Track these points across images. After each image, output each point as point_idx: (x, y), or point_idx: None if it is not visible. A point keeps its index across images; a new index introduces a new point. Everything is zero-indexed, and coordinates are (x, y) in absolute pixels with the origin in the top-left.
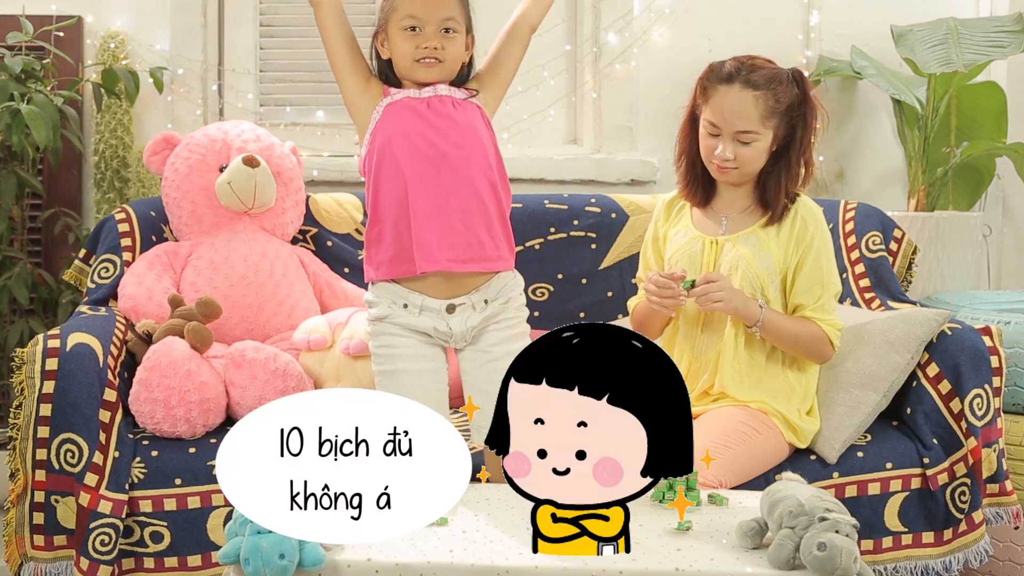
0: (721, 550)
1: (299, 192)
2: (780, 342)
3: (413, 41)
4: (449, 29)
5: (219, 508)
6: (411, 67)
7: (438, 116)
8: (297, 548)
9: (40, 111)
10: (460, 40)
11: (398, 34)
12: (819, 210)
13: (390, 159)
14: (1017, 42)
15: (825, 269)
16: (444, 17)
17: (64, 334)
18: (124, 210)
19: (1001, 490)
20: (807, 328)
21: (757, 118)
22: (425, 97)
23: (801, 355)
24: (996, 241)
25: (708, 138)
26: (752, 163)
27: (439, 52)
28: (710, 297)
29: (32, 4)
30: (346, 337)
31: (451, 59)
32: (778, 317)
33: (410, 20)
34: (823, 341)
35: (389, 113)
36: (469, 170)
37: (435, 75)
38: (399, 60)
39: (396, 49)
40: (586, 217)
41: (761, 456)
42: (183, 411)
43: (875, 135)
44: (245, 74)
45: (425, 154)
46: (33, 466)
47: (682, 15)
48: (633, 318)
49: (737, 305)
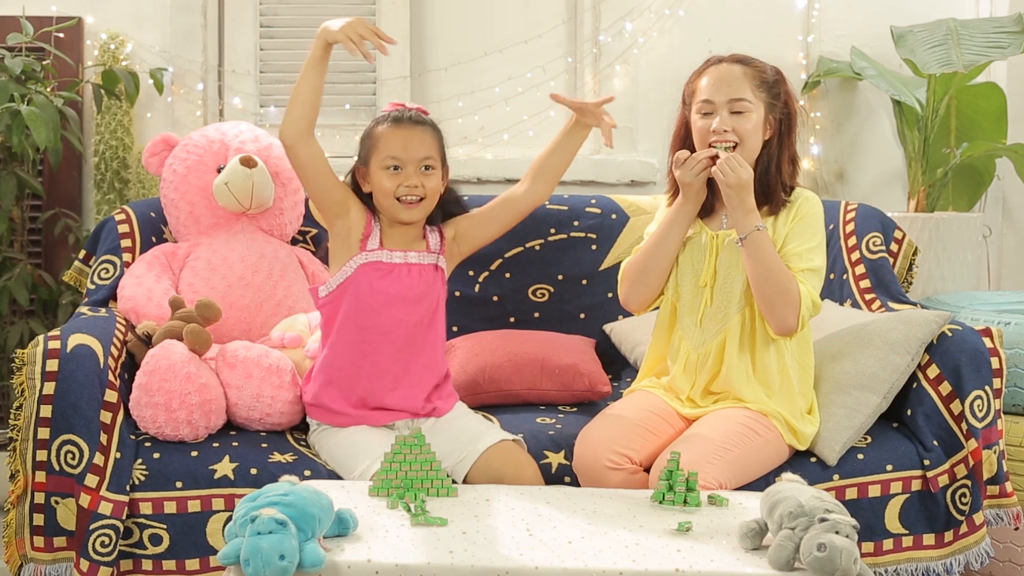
0: (721, 551)
1: (298, 192)
2: (756, 270)
3: (395, 180)
4: (428, 167)
5: (219, 512)
6: (393, 206)
7: (402, 288)
8: (297, 549)
9: (40, 112)
10: (437, 175)
11: (379, 172)
12: (816, 199)
13: (352, 330)
14: (1017, 43)
15: (807, 245)
16: (423, 156)
17: (64, 335)
18: (124, 211)
19: (1002, 492)
20: (788, 277)
21: (748, 87)
22: (395, 263)
23: (764, 301)
24: (996, 242)
25: (702, 120)
26: (750, 138)
27: (419, 190)
28: (731, 165)
29: (32, 5)
30: (316, 339)
31: (430, 194)
32: (768, 244)
33: (391, 160)
34: (795, 298)
35: (358, 278)
36: (424, 342)
37: (416, 215)
38: (381, 197)
39: (377, 186)
40: (586, 218)
41: (761, 458)
42: (185, 414)
43: (875, 136)
44: (245, 75)
45: (385, 331)
46: (33, 467)
47: (682, 16)
48: (626, 269)
49: (744, 200)
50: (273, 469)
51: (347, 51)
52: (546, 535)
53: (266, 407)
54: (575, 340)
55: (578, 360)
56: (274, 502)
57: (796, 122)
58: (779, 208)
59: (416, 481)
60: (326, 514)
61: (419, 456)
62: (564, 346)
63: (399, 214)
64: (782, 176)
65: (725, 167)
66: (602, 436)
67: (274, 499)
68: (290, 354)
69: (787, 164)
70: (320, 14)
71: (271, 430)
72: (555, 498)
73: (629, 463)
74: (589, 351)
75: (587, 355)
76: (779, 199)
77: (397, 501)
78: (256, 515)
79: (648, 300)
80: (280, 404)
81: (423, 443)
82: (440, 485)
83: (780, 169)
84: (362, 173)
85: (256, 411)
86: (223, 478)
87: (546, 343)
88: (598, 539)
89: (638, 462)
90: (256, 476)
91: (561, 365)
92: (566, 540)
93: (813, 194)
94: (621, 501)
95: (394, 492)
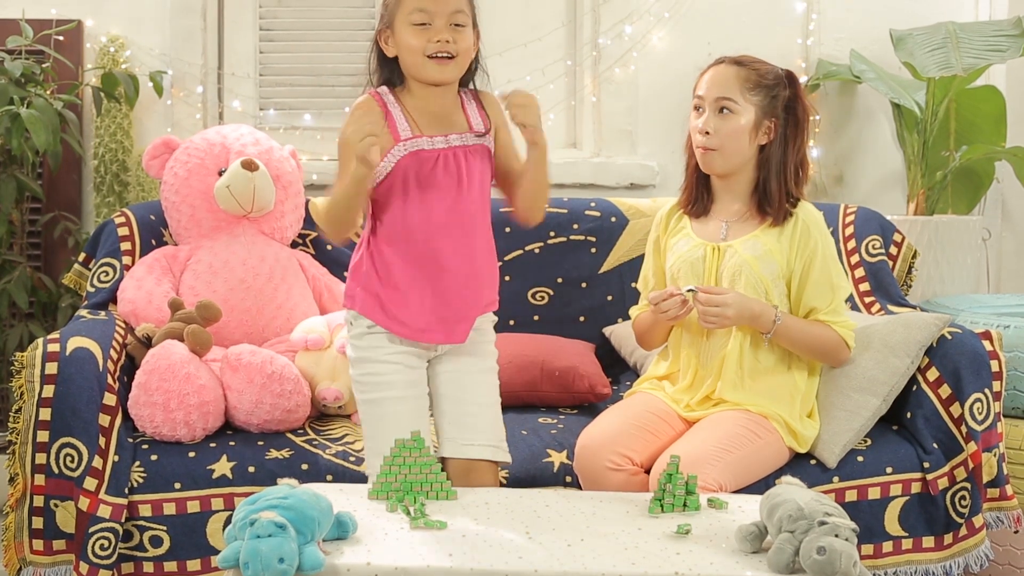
0: (721, 554)
1: (298, 196)
2: (794, 347)
3: (423, 35)
4: (459, 24)
5: (218, 512)
6: (422, 64)
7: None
8: (296, 552)
9: (40, 115)
10: (469, 34)
11: (406, 29)
12: (820, 215)
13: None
14: (1016, 46)
15: (834, 272)
16: (453, 10)
17: (64, 338)
18: (124, 214)
19: (1001, 494)
20: (822, 332)
21: (737, 88)
22: (438, 150)
23: (817, 359)
24: (995, 245)
25: (693, 120)
26: (731, 141)
27: (451, 46)
28: (709, 313)
29: (32, 8)
30: (343, 336)
31: (462, 54)
32: (793, 323)
33: (419, 15)
34: (838, 344)
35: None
36: (474, 237)
37: (449, 74)
38: (408, 57)
39: (404, 45)
40: (586, 221)
41: (761, 460)
42: (182, 414)
43: (874, 139)
44: (245, 78)
45: (437, 227)
46: (32, 470)
47: (681, 19)
48: (636, 327)
49: (746, 319)
50: (271, 466)
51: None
52: (545, 538)
53: (265, 413)
54: (575, 343)
55: (578, 362)
56: (273, 505)
57: (804, 128)
58: (782, 220)
59: (415, 484)
60: (325, 517)
61: (418, 459)
62: (564, 349)
63: (430, 72)
64: (785, 183)
65: (710, 319)
66: (603, 437)
67: (273, 502)
68: (313, 356)
69: (791, 171)
70: (320, 17)
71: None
72: (554, 501)
73: (630, 464)
74: (589, 354)
75: (587, 357)
76: (782, 209)
77: (396, 504)
78: (255, 518)
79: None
80: (279, 412)
81: (422, 446)
82: (439, 488)
83: (783, 176)
84: (385, 36)
85: (255, 416)
86: (221, 477)
87: (546, 346)
88: (597, 542)
89: (639, 463)
90: (254, 474)
91: (561, 367)
92: (565, 543)
93: (815, 211)
94: (620, 504)
95: (393, 495)
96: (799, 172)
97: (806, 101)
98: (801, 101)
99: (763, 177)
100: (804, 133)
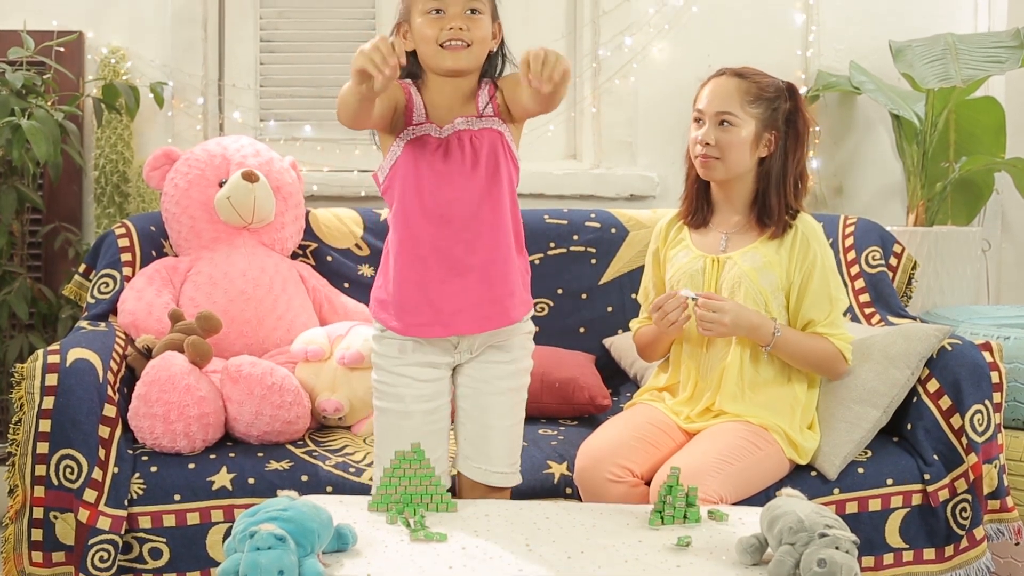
0: (721, 566)
1: (299, 207)
2: (793, 360)
3: (437, 24)
4: (475, 10)
5: (218, 524)
6: (436, 53)
7: (454, 164)
8: (296, 565)
9: (41, 126)
10: (485, 22)
11: (422, 19)
12: (819, 226)
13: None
14: (1015, 57)
15: (832, 284)
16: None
17: (64, 349)
18: (124, 225)
19: (1002, 506)
20: (820, 344)
21: (738, 102)
22: (444, 136)
23: (815, 372)
24: (995, 256)
25: (693, 131)
26: (733, 151)
27: (464, 34)
28: (706, 318)
29: (33, 19)
30: (343, 348)
31: (477, 42)
32: (791, 336)
33: (434, 3)
34: (836, 357)
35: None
36: (479, 225)
37: (462, 62)
38: (423, 47)
39: (420, 35)
40: (586, 232)
41: (761, 472)
42: (182, 426)
43: (874, 150)
44: (245, 89)
45: (441, 215)
46: (32, 482)
47: (681, 30)
48: (636, 340)
49: (744, 330)
50: (271, 478)
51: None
52: (545, 550)
53: (264, 425)
54: (575, 354)
55: (578, 374)
56: (273, 517)
57: (805, 140)
58: (782, 232)
59: (415, 496)
60: (325, 529)
61: (418, 471)
62: (564, 360)
63: (444, 61)
64: (785, 196)
65: (707, 325)
66: (603, 449)
67: (273, 514)
68: (313, 367)
69: (791, 183)
70: (320, 28)
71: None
72: (554, 513)
73: (630, 476)
74: (589, 365)
75: (587, 369)
76: (781, 221)
77: (396, 516)
78: (255, 530)
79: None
80: (279, 424)
81: (422, 458)
82: (439, 500)
83: (783, 188)
84: (403, 31)
85: (255, 428)
86: (221, 489)
87: (546, 357)
88: (597, 554)
89: (639, 475)
90: (254, 486)
91: (561, 379)
92: (565, 555)
93: (814, 223)
94: (621, 516)
95: (393, 507)
96: (799, 184)
97: (807, 114)
98: (802, 114)
99: (763, 189)
100: (804, 146)
